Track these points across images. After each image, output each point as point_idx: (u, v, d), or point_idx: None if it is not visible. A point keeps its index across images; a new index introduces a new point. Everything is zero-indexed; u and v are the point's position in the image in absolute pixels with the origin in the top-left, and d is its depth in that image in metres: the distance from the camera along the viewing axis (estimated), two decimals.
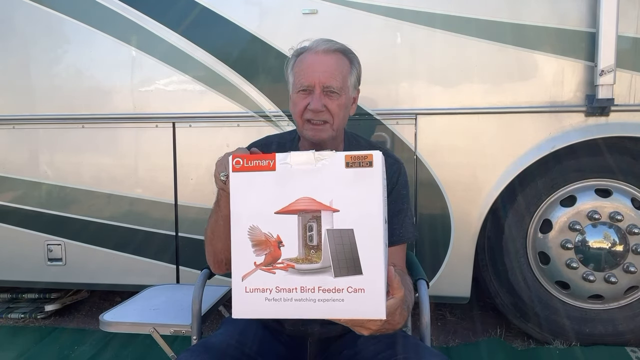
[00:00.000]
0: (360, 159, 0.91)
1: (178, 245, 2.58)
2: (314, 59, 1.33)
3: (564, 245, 2.40)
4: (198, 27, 2.46)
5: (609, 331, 2.42)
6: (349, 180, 0.91)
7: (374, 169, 0.91)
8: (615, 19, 2.16)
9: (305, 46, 1.38)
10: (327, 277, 0.91)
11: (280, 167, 0.93)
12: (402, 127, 2.38)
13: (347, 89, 1.36)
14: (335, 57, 1.34)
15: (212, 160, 2.63)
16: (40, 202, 2.67)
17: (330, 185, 0.92)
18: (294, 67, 1.38)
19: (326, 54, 1.33)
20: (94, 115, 2.59)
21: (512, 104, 2.31)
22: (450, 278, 2.40)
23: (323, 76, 1.31)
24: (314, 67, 1.32)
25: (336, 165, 0.92)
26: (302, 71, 1.34)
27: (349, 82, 1.36)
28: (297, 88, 1.35)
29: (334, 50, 1.34)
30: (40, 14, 2.58)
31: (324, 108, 1.32)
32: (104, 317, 1.71)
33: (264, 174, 0.94)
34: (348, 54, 1.38)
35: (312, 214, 0.92)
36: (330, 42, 1.36)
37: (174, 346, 1.78)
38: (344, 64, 1.35)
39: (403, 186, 1.42)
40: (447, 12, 2.30)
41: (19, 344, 2.59)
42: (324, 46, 1.33)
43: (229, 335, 1.28)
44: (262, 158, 0.95)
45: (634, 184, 2.37)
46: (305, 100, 1.33)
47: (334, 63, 1.33)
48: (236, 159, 0.95)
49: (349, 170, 0.91)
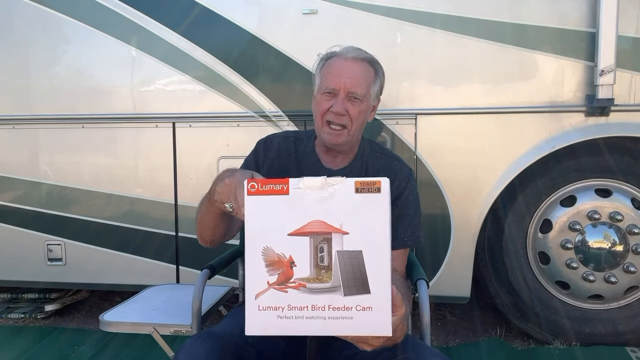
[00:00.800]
0: (369, 185, 0.97)
1: (178, 245, 2.58)
2: (343, 65, 1.39)
3: (564, 245, 2.40)
4: (198, 27, 2.46)
5: (609, 331, 2.42)
6: (358, 204, 0.97)
7: (381, 194, 0.97)
8: (615, 19, 2.16)
9: (335, 51, 1.43)
10: (337, 296, 0.96)
11: (293, 191, 0.99)
12: (402, 127, 2.38)
13: (369, 97, 1.41)
14: (362, 65, 1.39)
15: (212, 160, 2.65)
16: (40, 202, 2.68)
17: (341, 209, 0.97)
18: (321, 70, 1.43)
19: (354, 61, 1.39)
20: (94, 115, 2.59)
21: (512, 104, 2.31)
22: (450, 278, 2.40)
23: (349, 82, 1.37)
24: (341, 72, 1.38)
25: (346, 191, 0.98)
26: (330, 74, 1.39)
27: (371, 90, 1.41)
28: (323, 90, 1.39)
29: (362, 58, 1.39)
30: (40, 14, 2.58)
31: (345, 112, 1.37)
32: (104, 317, 1.71)
33: (278, 197, 0.99)
34: (374, 64, 1.42)
35: (323, 236, 0.97)
36: (360, 50, 1.41)
37: (174, 346, 1.78)
38: (370, 73, 1.41)
39: (411, 192, 1.46)
40: (447, 12, 2.30)
41: (19, 344, 2.59)
42: (353, 54, 1.39)
43: (233, 325, 1.29)
44: (276, 182, 1.00)
45: (634, 184, 2.37)
46: (329, 102, 1.38)
47: (360, 70, 1.39)
48: (251, 183, 0.99)
49: (358, 196, 0.97)
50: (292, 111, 2.43)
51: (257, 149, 1.53)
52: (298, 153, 1.50)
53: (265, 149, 1.51)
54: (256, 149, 1.53)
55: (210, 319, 1.93)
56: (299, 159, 1.49)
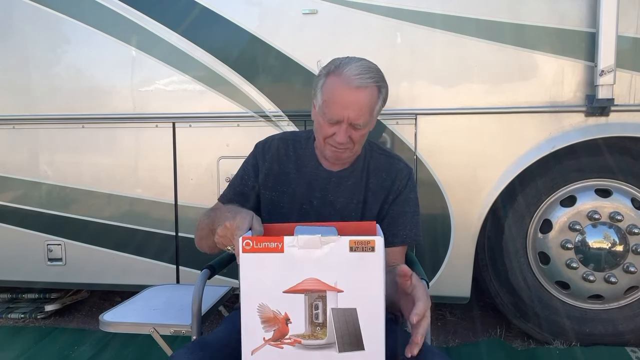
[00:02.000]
0: (364, 244, 0.98)
1: (178, 245, 2.58)
2: (346, 95, 1.31)
3: (564, 245, 2.40)
4: (198, 27, 2.46)
5: (609, 331, 2.42)
6: (353, 263, 0.98)
7: (376, 253, 0.98)
8: (615, 19, 2.16)
9: (338, 68, 1.33)
10: (332, 352, 0.99)
11: (288, 249, 0.99)
12: (402, 127, 2.38)
13: (372, 119, 1.38)
14: (367, 92, 1.32)
15: (212, 160, 2.65)
16: (40, 202, 2.67)
17: (335, 267, 0.99)
18: (323, 89, 1.35)
19: (359, 90, 1.30)
20: (94, 115, 2.59)
21: (512, 104, 2.31)
22: (450, 278, 2.40)
23: (353, 114, 1.32)
24: (344, 104, 1.31)
25: (341, 249, 0.98)
26: (332, 103, 1.32)
27: (374, 112, 1.37)
28: (326, 118, 1.34)
29: (367, 85, 1.31)
30: (40, 14, 2.58)
31: (349, 140, 1.35)
32: (104, 317, 1.71)
33: (273, 255, 0.99)
34: (379, 84, 1.34)
35: (318, 293, 0.99)
36: (364, 74, 1.31)
37: (174, 346, 1.78)
38: (374, 96, 1.34)
39: (410, 190, 1.47)
40: (447, 12, 2.30)
41: (19, 344, 2.59)
42: (358, 82, 1.30)
43: (228, 332, 1.29)
44: (271, 240, 1.00)
45: (634, 184, 2.37)
46: (331, 129, 1.35)
47: (365, 99, 1.32)
48: (246, 240, 1.00)
49: (353, 254, 0.98)
50: (292, 111, 2.43)
51: (255, 153, 1.52)
52: (297, 156, 1.50)
53: (263, 152, 1.50)
54: (255, 153, 1.53)
55: (210, 319, 1.93)
56: (298, 162, 1.49)
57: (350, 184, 1.46)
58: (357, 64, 1.33)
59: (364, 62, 1.35)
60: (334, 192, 1.46)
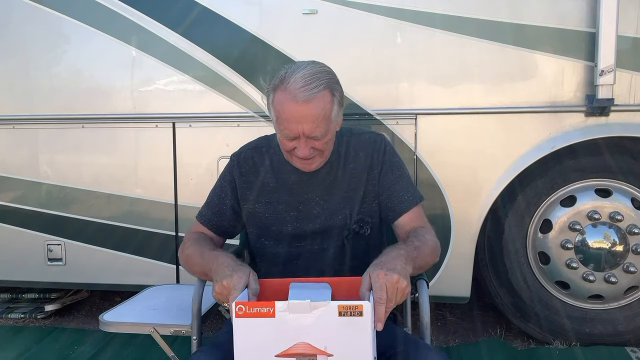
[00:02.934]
0: (352, 309, 1.02)
1: (178, 245, 2.56)
2: (295, 109, 1.25)
3: (564, 245, 2.40)
4: (198, 27, 2.46)
5: (609, 331, 2.41)
6: (342, 327, 1.02)
7: (364, 318, 1.01)
8: (615, 19, 2.16)
9: (282, 79, 1.27)
10: None
11: (279, 314, 1.03)
12: (402, 127, 2.37)
13: (332, 122, 1.32)
14: (316, 101, 1.25)
15: (212, 160, 2.65)
16: (40, 202, 2.67)
17: (325, 331, 1.03)
18: (272, 104, 1.30)
19: (307, 103, 1.24)
20: (94, 115, 2.58)
21: (512, 104, 2.31)
22: (450, 278, 2.40)
23: (307, 128, 1.26)
24: (296, 119, 1.26)
25: (330, 315, 1.02)
26: (285, 120, 1.27)
27: (332, 117, 1.30)
28: (282, 135, 1.31)
29: (314, 95, 1.24)
30: (40, 14, 2.58)
31: (312, 151, 1.32)
32: (104, 317, 1.71)
33: (265, 320, 1.03)
34: (329, 86, 1.28)
35: (309, 357, 1.03)
36: (310, 85, 1.24)
37: (174, 346, 1.78)
38: (326, 101, 1.27)
39: (392, 154, 1.46)
40: (447, 12, 2.30)
41: (19, 344, 2.59)
42: (304, 95, 1.23)
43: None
44: (263, 305, 1.04)
45: (634, 184, 2.37)
46: (292, 143, 1.32)
47: (315, 110, 1.25)
48: (239, 305, 1.03)
49: (342, 319, 1.02)
50: None
51: (231, 164, 1.50)
52: (273, 163, 1.47)
53: (239, 165, 1.48)
54: (231, 164, 1.50)
55: (210, 319, 1.93)
56: (275, 168, 1.46)
57: (332, 178, 1.44)
58: (301, 73, 1.26)
59: (309, 68, 1.27)
60: (318, 191, 1.44)
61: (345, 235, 1.44)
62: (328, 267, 1.43)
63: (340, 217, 1.43)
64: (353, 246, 1.45)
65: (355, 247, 1.45)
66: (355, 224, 1.44)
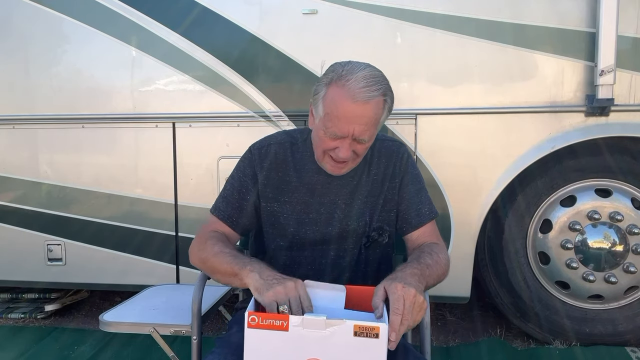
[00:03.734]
0: (368, 330, 0.99)
1: (178, 245, 2.58)
2: (351, 110, 1.21)
3: (564, 245, 2.40)
4: (198, 27, 2.46)
5: (609, 331, 2.42)
6: (357, 348, 0.99)
7: (379, 340, 0.99)
8: (615, 19, 2.16)
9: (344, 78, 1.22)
10: None
11: (292, 329, 1.00)
12: (402, 127, 2.38)
13: (377, 130, 1.31)
14: (372, 105, 1.23)
15: (212, 160, 2.65)
16: (40, 202, 2.67)
17: (339, 350, 1.00)
18: (324, 99, 1.25)
19: (365, 104, 1.21)
20: (94, 115, 2.59)
21: (512, 104, 2.31)
22: (450, 278, 2.37)
23: (357, 129, 1.23)
24: (349, 118, 1.22)
25: (345, 333, 0.99)
26: (336, 118, 1.23)
27: (380, 122, 1.29)
28: (328, 130, 1.25)
29: (373, 97, 1.22)
30: (40, 14, 2.58)
31: (352, 154, 1.29)
32: (104, 317, 1.71)
33: (278, 333, 1.01)
34: (385, 94, 1.26)
35: None
36: (371, 87, 1.21)
37: (174, 346, 1.78)
38: (379, 108, 1.25)
39: (413, 166, 1.45)
40: (447, 12, 2.30)
41: (19, 344, 2.59)
42: (364, 95, 1.20)
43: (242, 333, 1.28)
44: (277, 318, 1.01)
45: (634, 184, 2.37)
46: (333, 143, 1.27)
47: (369, 113, 1.23)
48: (252, 316, 1.01)
49: (357, 339, 0.99)
50: (292, 111, 2.43)
51: (252, 157, 1.42)
52: (296, 160, 1.42)
53: (260, 158, 1.41)
54: (251, 157, 1.43)
55: (210, 319, 1.93)
56: (298, 166, 1.42)
57: (356, 182, 1.41)
58: (361, 73, 1.22)
59: (369, 70, 1.24)
60: (340, 195, 1.40)
61: (364, 243, 1.41)
62: (343, 272, 1.40)
63: (360, 223, 1.40)
64: (368, 253, 1.43)
65: (370, 255, 1.44)
66: (374, 232, 1.41)
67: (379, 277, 1.46)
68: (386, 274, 1.50)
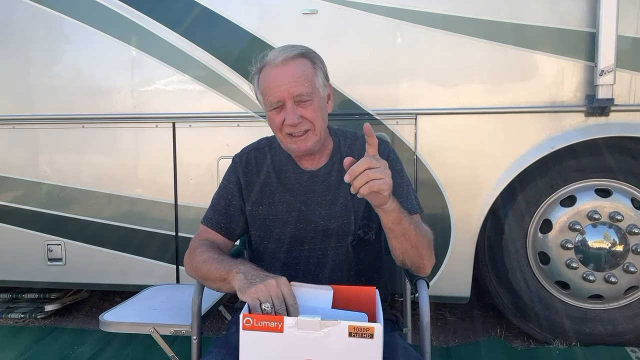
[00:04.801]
0: (363, 331, 0.99)
1: (178, 245, 2.58)
2: (276, 73, 1.32)
3: (564, 245, 2.40)
4: (198, 27, 2.46)
5: (609, 331, 2.42)
6: (351, 348, 1.00)
7: (374, 340, 0.99)
8: (615, 19, 2.16)
9: (264, 60, 1.36)
10: None
11: (287, 330, 1.01)
12: (402, 127, 2.38)
13: (318, 91, 1.35)
14: (295, 63, 1.32)
15: (212, 160, 2.65)
16: (40, 202, 2.67)
17: (333, 351, 1.00)
18: (259, 85, 1.37)
19: (286, 64, 1.31)
20: (94, 115, 2.59)
21: (512, 104, 2.31)
22: (450, 278, 2.40)
23: (290, 87, 1.30)
24: (278, 81, 1.31)
25: (339, 334, 1.00)
26: (268, 88, 1.33)
27: (316, 83, 1.34)
28: (269, 106, 1.35)
29: (292, 57, 1.32)
30: (40, 14, 2.58)
31: (300, 119, 1.33)
32: (104, 317, 1.71)
33: (272, 334, 1.01)
34: (308, 55, 1.36)
35: None
36: (287, 49, 1.33)
37: (174, 346, 1.78)
38: (307, 66, 1.34)
39: (395, 162, 1.44)
40: (447, 12, 2.30)
41: (19, 344, 2.59)
42: (282, 56, 1.31)
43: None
44: (271, 319, 1.02)
45: (634, 184, 2.37)
46: (280, 115, 1.34)
47: (296, 70, 1.31)
48: (246, 318, 1.01)
49: (352, 340, 0.99)
50: None
51: (235, 165, 1.50)
52: (275, 162, 1.47)
53: (242, 165, 1.48)
54: (234, 165, 1.50)
55: (210, 319, 1.93)
56: (277, 168, 1.46)
57: (334, 179, 1.43)
58: (280, 47, 1.35)
59: (287, 44, 1.36)
60: (320, 192, 1.43)
61: (350, 241, 1.42)
62: (329, 271, 1.41)
63: (344, 221, 1.42)
64: (358, 252, 1.44)
65: (360, 253, 1.44)
66: (360, 230, 1.42)
67: (372, 275, 1.47)
68: (378, 271, 1.51)
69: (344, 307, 1.16)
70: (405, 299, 1.77)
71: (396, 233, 1.22)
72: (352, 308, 1.15)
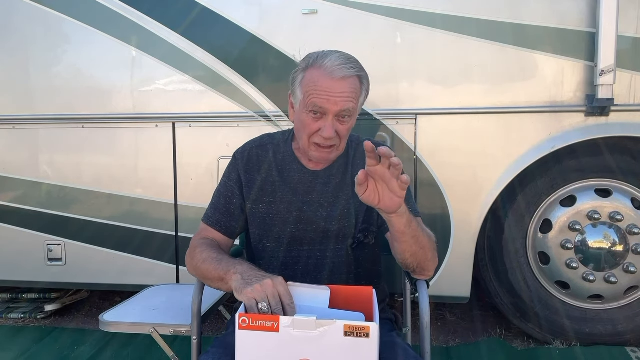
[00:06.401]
0: (358, 330, 0.99)
1: (178, 245, 2.58)
2: (331, 85, 1.29)
3: (564, 245, 2.40)
4: (198, 27, 2.46)
5: (609, 331, 2.42)
6: (347, 348, 1.00)
7: (370, 339, 0.99)
8: (615, 19, 2.16)
9: (318, 61, 1.32)
10: None
11: (283, 329, 1.01)
12: (402, 127, 2.38)
13: (358, 109, 1.37)
14: (351, 81, 1.31)
15: (212, 160, 2.65)
16: (40, 202, 2.67)
17: (329, 350, 1.01)
18: (302, 83, 1.34)
19: (343, 80, 1.30)
20: (94, 115, 2.59)
21: (512, 104, 2.31)
22: (450, 278, 2.40)
23: (340, 103, 1.29)
24: (330, 93, 1.29)
25: (335, 334, 1.00)
26: (317, 93, 1.30)
27: (359, 102, 1.36)
28: (309, 107, 1.32)
29: (350, 75, 1.31)
30: (40, 14, 2.58)
31: (335, 134, 1.32)
32: (104, 317, 1.71)
33: (268, 334, 1.02)
34: (361, 74, 1.34)
35: None
36: (346, 64, 1.31)
37: (174, 346, 1.78)
38: (357, 86, 1.33)
39: None
40: (447, 12, 2.30)
41: (19, 344, 2.59)
42: (341, 73, 1.29)
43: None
44: (267, 319, 1.02)
45: (634, 184, 2.37)
46: (317, 123, 1.32)
47: (349, 87, 1.30)
48: (242, 317, 1.01)
49: (347, 339, 1.00)
50: None
51: (235, 162, 1.48)
52: (278, 161, 1.46)
53: (243, 161, 1.47)
54: (235, 162, 1.48)
55: (210, 319, 1.93)
56: (280, 167, 1.46)
57: (338, 181, 1.43)
58: (336, 54, 1.32)
59: (343, 53, 1.34)
60: (322, 193, 1.43)
61: (351, 244, 1.42)
62: (329, 272, 1.41)
63: (345, 224, 1.41)
64: (357, 255, 1.44)
65: (360, 256, 1.44)
66: (360, 233, 1.42)
67: (371, 278, 1.46)
68: (377, 274, 1.51)
69: (342, 307, 1.16)
70: (405, 299, 1.77)
71: (407, 236, 1.22)
72: (349, 308, 1.15)
